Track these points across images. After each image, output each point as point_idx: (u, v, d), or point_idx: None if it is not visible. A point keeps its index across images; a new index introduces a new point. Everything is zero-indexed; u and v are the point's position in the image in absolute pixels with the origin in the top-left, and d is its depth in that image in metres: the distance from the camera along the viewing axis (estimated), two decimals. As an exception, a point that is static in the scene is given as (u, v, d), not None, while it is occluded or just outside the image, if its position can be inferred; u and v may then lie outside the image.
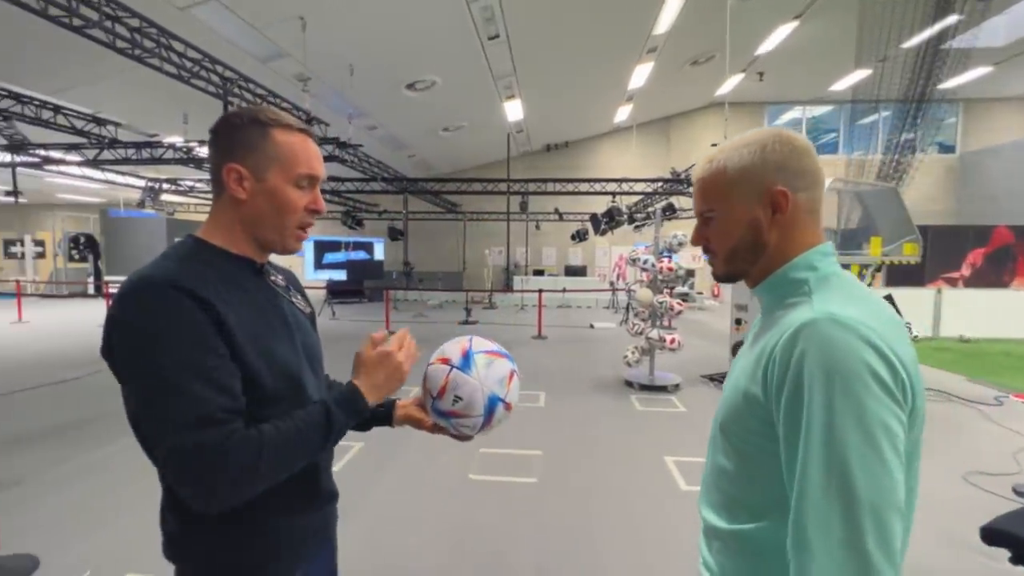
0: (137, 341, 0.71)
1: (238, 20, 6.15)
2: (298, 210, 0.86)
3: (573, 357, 7.27)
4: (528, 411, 4.71)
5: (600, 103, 13.36)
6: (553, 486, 3.18)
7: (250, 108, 0.85)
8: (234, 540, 0.82)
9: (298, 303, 0.98)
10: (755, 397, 0.70)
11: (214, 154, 0.84)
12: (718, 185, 0.78)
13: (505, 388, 0.99)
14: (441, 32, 7.56)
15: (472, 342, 1.02)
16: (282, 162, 0.84)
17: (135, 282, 0.73)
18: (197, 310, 0.73)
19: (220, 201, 0.85)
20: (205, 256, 0.82)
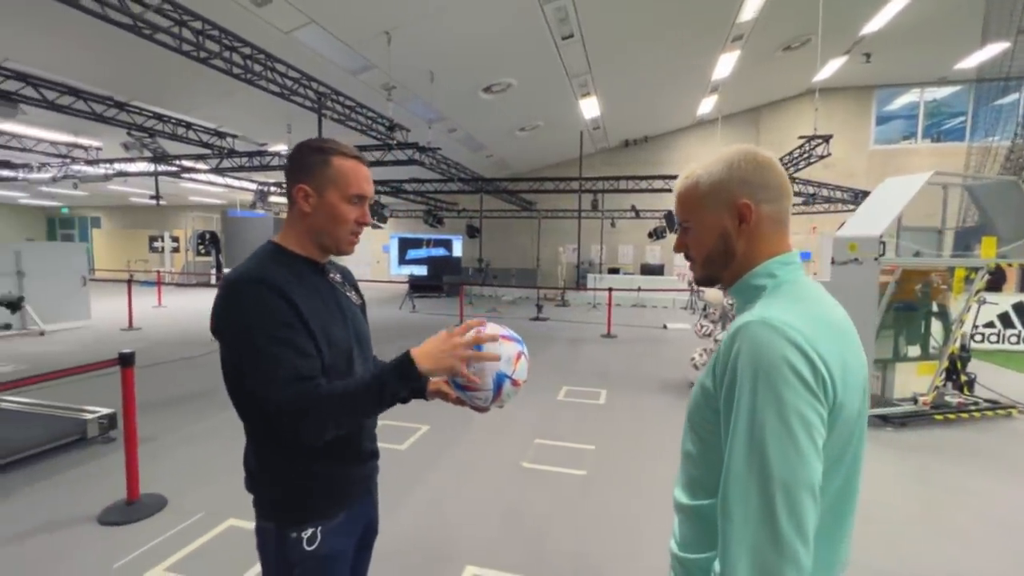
0: (239, 323, 0.97)
1: (332, 39, 6.79)
2: (349, 222, 1.09)
3: (641, 357, 7.19)
4: (586, 407, 4.79)
5: (681, 96, 12.88)
6: (601, 479, 3.27)
7: (317, 139, 1.08)
8: (293, 479, 1.08)
9: (352, 296, 1.22)
10: (708, 390, 0.80)
11: (288, 176, 1.08)
12: (692, 198, 0.88)
13: (512, 366, 1.14)
14: (515, 36, 7.77)
15: (485, 327, 1.18)
16: (338, 183, 1.06)
17: (234, 280, 0.99)
18: (280, 299, 0.98)
19: (292, 214, 1.10)
20: (281, 258, 1.07)
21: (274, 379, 0.94)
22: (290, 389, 0.93)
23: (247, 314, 0.96)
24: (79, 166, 9.20)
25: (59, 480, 3.15)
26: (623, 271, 16.59)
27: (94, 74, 6.39)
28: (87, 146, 8.75)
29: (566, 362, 6.77)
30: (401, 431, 4.01)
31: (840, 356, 0.73)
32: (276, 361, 0.94)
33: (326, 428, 0.96)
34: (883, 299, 4.31)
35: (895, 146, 14.77)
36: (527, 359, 1.20)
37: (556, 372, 6.15)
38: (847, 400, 0.72)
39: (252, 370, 0.97)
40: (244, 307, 0.97)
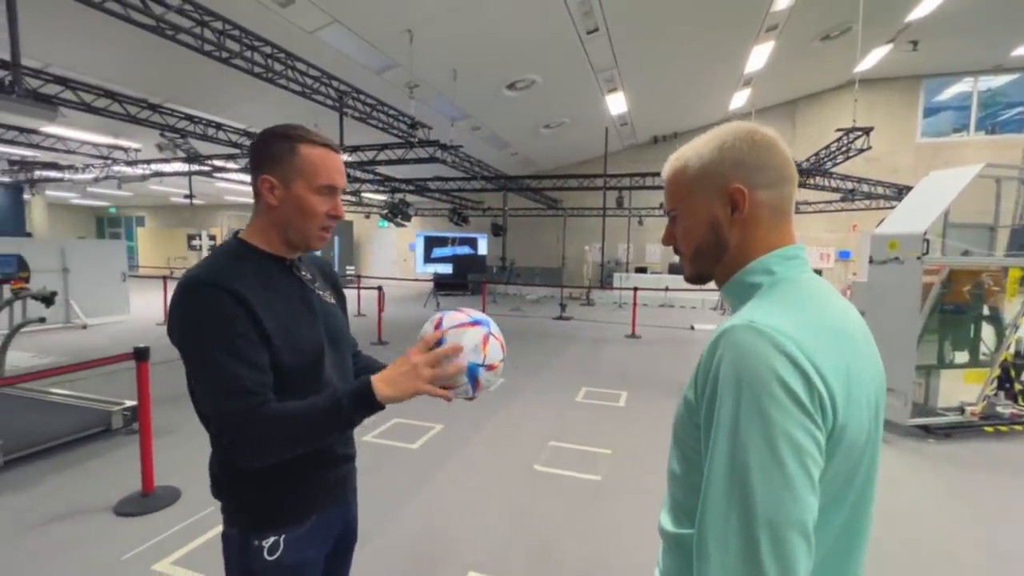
0: (187, 329, 0.91)
1: (356, 38, 6.84)
2: (319, 215, 1.02)
3: (665, 359, 6.98)
4: (605, 410, 4.66)
5: (711, 90, 12.47)
6: (616, 486, 3.14)
7: (283, 126, 1.01)
8: (256, 485, 1.02)
9: (325, 295, 1.15)
10: (691, 403, 0.70)
11: (252, 166, 1.01)
12: (680, 184, 0.77)
13: (481, 353, 1.06)
14: (539, 31, 7.65)
15: (443, 319, 1.11)
16: (306, 174, 0.99)
17: (185, 282, 0.92)
18: (232, 303, 0.91)
19: (257, 206, 1.03)
20: (244, 255, 1.01)
21: (216, 391, 0.88)
22: (232, 404, 0.87)
23: (196, 319, 0.90)
24: (119, 167, 9.61)
25: (82, 470, 3.24)
26: (650, 270, 16.24)
27: (129, 77, 6.62)
28: (127, 147, 9.13)
29: (587, 362, 6.62)
30: (414, 430, 3.98)
31: (844, 369, 0.61)
32: (221, 372, 0.88)
33: (266, 450, 0.89)
34: (927, 301, 4.01)
35: (945, 139, 13.92)
36: (497, 338, 1.12)
37: (576, 372, 6.02)
38: (851, 421, 0.60)
39: (198, 379, 0.92)
40: (194, 312, 0.91)
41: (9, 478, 3.06)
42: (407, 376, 0.94)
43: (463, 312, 1.14)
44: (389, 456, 3.46)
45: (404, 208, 11.96)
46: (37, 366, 5.81)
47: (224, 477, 1.03)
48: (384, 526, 2.62)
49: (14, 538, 2.48)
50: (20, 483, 3.01)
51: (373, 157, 8.05)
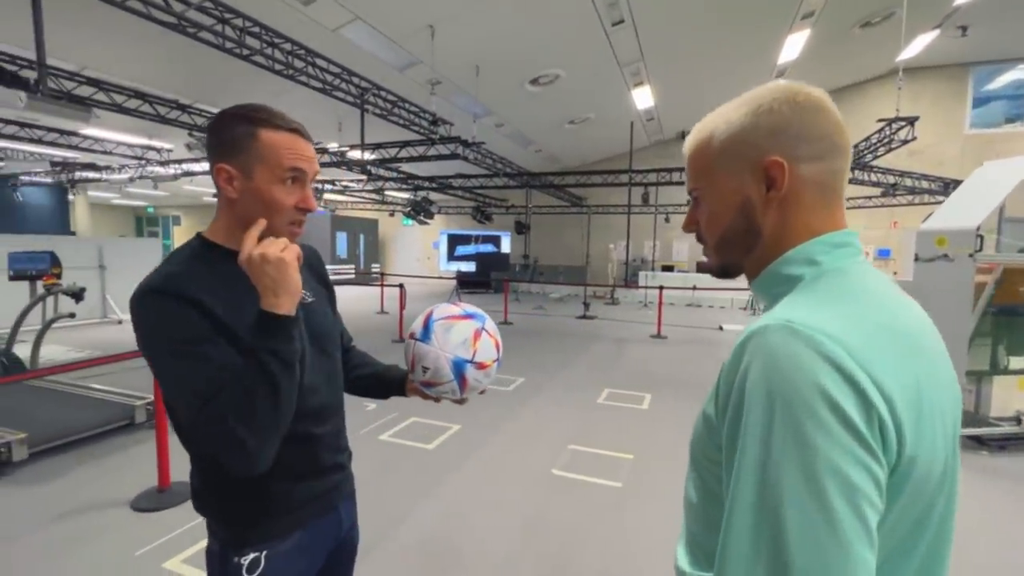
0: (145, 341, 0.84)
1: (377, 34, 6.83)
2: (286, 208, 0.90)
3: (691, 360, 6.75)
4: (628, 412, 4.50)
5: (742, 82, 11.85)
6: (638, 493, 2.99)
7: (241, 106, 0.90)
8: (235, 498, 0.94)
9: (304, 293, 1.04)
10: (711, 419, 0.57)
11: (209, 153, 0.92)
12: (705, 158, 0.65)
13: (470, 348, 0.98)
14: (562, 24, 7.49)
15: (434, 310, 1.03)
16: (268, 161, 0.87)
17: (136, 292, 0.84)
18: (188, 308, 0.82)
19: (221, 201, 0.94)
20: (205, 255, 0.91)
21: (179, 402, 0.81)
22: (197, 412, 0.79)
23: (149, 329, 0.83)
24: (153, 167, 9.90)
25: (104, 463, 3.28)
26: (677, 269, 15.86)
27: (160, 79, 6.78)
28: (159, 148, 9.40)
29: (610, 363, 6.45)
30: (431, 430, 3.91)
31: (912, 383, 0.47)
32: (180, 381, 0.81)
33: (243, 444, 0.79)
34: (979, 301, 3.71)
35: (996, 130, 13.12)
36: (491, 335, 1.03)
37: (598, 373, 5.86)
38: (923, 451, 0.47)
39: (164, 391, 0.84)
40: (146, 322, 0.83)
41: (34, 470, 3.12)
42: (271, 269, 0.82)
43: (458, 305, 1.05)
44: (404, 456, 3.40)
45: (427, 206, 11.97)
46: (72, 359, 6.01)
47: (203, 489, 0.96)
48: (394, 531, 2.55)
49: (34, 530, 2.51)
50: (44, 475, 3.07)
51: (395, 154, 8.04)
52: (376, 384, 1.20)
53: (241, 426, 0.78)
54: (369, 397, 1.22)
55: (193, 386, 0.80)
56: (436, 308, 1.02)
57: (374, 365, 1.25)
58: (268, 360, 0.80)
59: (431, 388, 1.01)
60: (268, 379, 0.80)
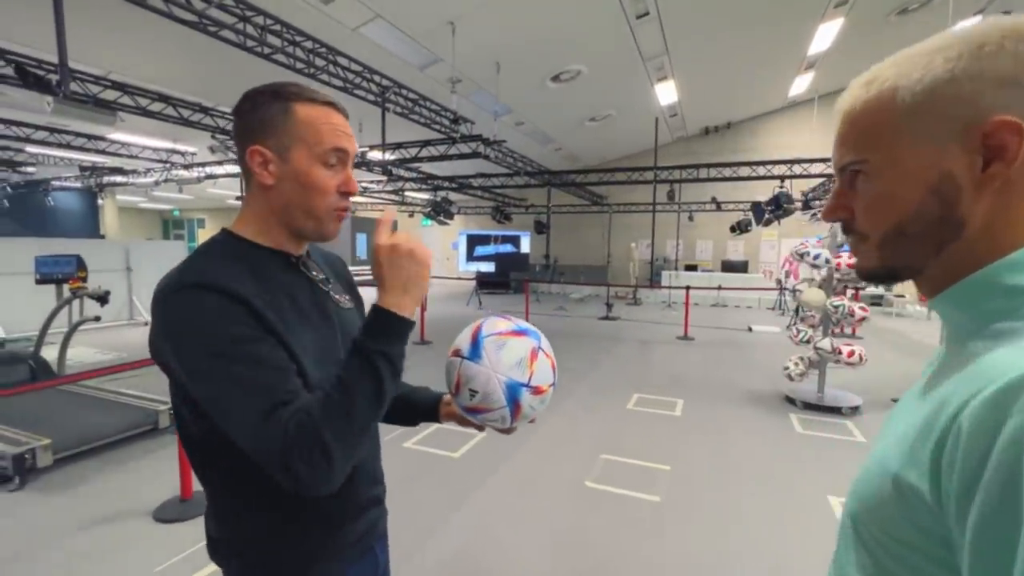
0: (182, 347, 0.69)
1: (398, 32, 6.73)
2: (329, 191, 0.79)
3: (722, 363, 6.49)
4: (660, 419, 4.30)
5: (770, 76, 11.67)
6: (679, 508, 2.81)
7: (271, 83, 0.79)
8: (266, 548, 0.81)
9: (341, 299, 0.91)
10: (914, 489, 0.40)
11: (238, 137, 0.79)
12: (880, 119, 0.47)
13: (526, 370, 0.83)
14: (585, 18, 7.30)
15: (483, 324, 0.87)
16: (307, 139, 0.77)
17: (163, 287, 0.71)
18: (233, 304, 0.69)
19: (249, 189, 0.81)
20: (236, 251, 0.78)
21: (246, 415, 0.66)
22: (269, 427, 0.65)
23: (187, 331, 0.68)
24: (177, 170, 10.02)
25: (127, 470, 3.23)
26: (701, 268, 15.49)
27: (184, 81, 6.81)
28: (183, 151, 9.50)
29: (637, 366, 6.25)
30: (457, 436, 3.77)
31: None
32: (238, 385, 0.66)
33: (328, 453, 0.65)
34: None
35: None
36: (548, 355, 0.87)
37: (626, 377, 5.66)
38: None
39: (213, 407, 0.69)
40: (184, 320, 0.69)
41: (57, 476, 3.08)
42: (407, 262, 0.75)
43: (508, 319, 0.89)
44: (429, 465, 3.27)
45: (447, 206, 11.89)
46: (100, 362, 6.05)
47: (222, 537, 0.82)
48: (421, 548, 2.42)
49: (54, 541, 2.45)
50: (67, 482, 3.02)
51: (416, 154, 7.96)
52: (403, 408, 1.05)
53: (330, 432, 0.66)
54: (393, 424, 1.06)
55: (257, 389, 0.66)
56: (485, 322, 0.87)
57: (402, 386, 1.10)
58: (379, 362, 0.69)
59: (477, 415, 0.85)
60: (375, 382, 0.69)
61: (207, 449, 0.77)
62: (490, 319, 0.88)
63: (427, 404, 1.05)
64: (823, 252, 4.46)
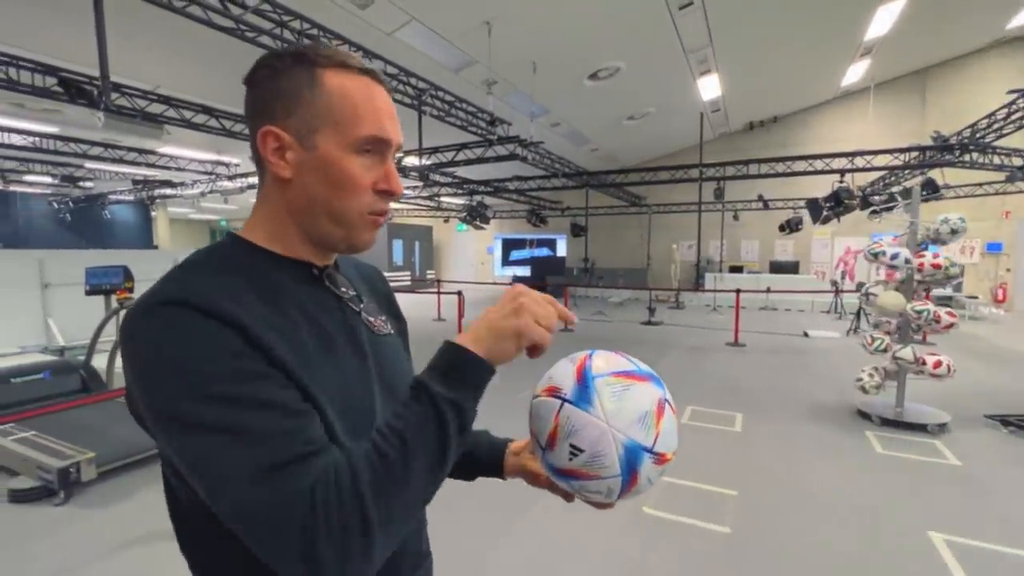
0: (147, 378, 0.49)
1: (433, 35, 6.65)
2: (363, 189, 0.59)
3: (780, 372, 6.04)
4: (719, 435, 3.96)
5: (822, 64, 11.01)
6: (754, 543, 2.49)
7: (294, 45, 0.60)
8: None
9: (377, 320, 0.71)
10: None
11: (249, 115, 0.60)
12: None
13: (652, 430, 0.60)
14: (625, 11, 7.01)
15: (592, 359, 0.64)
16: (337, 119, 0.57)
17: (138, 305, 0.51)
18: (218, 329, 0.50)
19: (264, 184, 0.62)
20: (239, 260, 0.59)
21: (237, 471, 0.46)
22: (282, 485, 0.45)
23: (157, 366, 0.49)
24: (222, 181, 10.31)
25: (168, 484, 3.17)
26: (747, 269, 14.81)
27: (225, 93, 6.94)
28: (227, 162, 9.76)
29: (688, 376, 5.88)
30: (500, 453, 3.56)
31: None
32: (231, 440, 0.46)
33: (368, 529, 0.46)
34: None
35: None
36: (675, 410, 0.64)
37: (677, 388, 5.32)
38: None
39: (193, 472, 0.49)
40: (150, 354, 0.49)
41: (101, 490, 3.04)
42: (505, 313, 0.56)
43: (623, 355, 0.67)
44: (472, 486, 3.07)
45: (483, 211, 11.77)
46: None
47: None
48: (473, 571, 2.21)
49: (99, 558, 2.37)
50: (110, 497, 2.98)
51: (452, 157, 7.85)
52: (463, 459, 0.82)
53: (377, 503, 0.47)
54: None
55: (258, 438, 0.47)
56: (595, 356, 0.65)
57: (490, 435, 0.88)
58: (448, 415, 0.52)
59: (574, 480, 0.62)
60: (441, 440, 0.51)
61: (198, 525, 0.57)
62: (600, 352, 0.66)
63: (490, 456, 0.83)
64: (902, 251, 4.02)
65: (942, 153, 7.25)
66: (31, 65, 4.72)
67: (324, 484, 0.46)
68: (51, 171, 10.13)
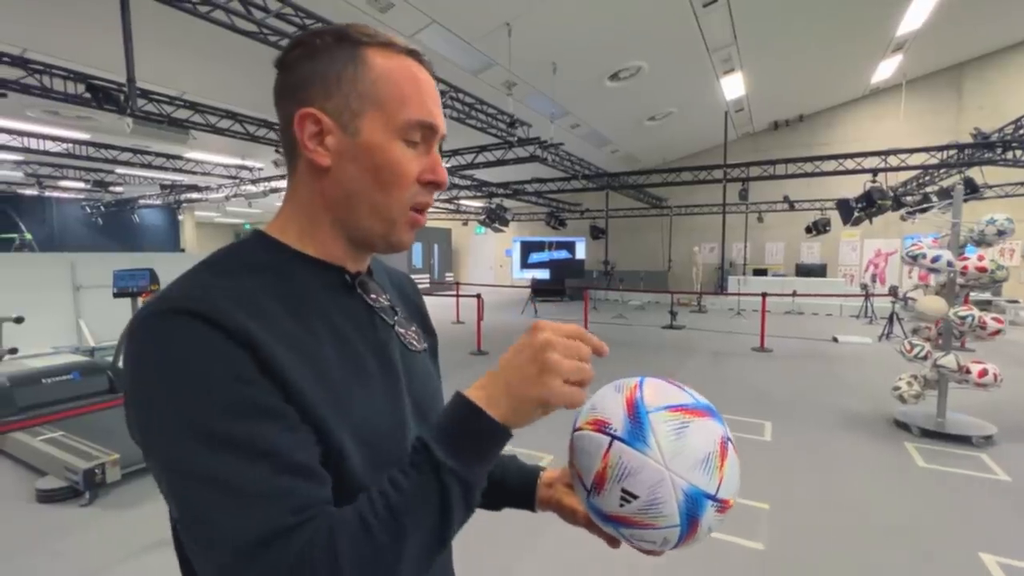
0: (150, 408, 0.44)
1: (453, 37, 6.63)
2: (409, 180, 0.53)
3: (809, 379, 5.83)
4: (748, 445, 3.81)
5: (851, 61, 10.68)
6: (789, 560, 2.37)
7: (333, 24, 0.54)
8: None
9: (408, 332, 0.64)
10: None
11: (280, 96, 0.54)
12: None
13: (715, 474, 0.51)
14: (647, 11, 6.90)
15: (643, 389, 0.55)
16: (383, 101, 0.52)
17: (144, 310, 0.46)
18: (227, 347, 0.44)
19: (295, 175, 0.56)
20: (267, 262, 0.53)
21: (221, 540, 0.40)
22: (265, 563, 0.40)
23: (158, 384, 0.43)
24: (246, 186, 10.50)
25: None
26: (772, 272, 14.45)
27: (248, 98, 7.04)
28: (251, 167, 9.93)
29: (712, 381, 5.72)
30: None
31: None
32: (220, 497, 0.41)
33: None
34: None
35: None
36: (735, 448, 0.55)
37: (702, 394, 5.15)
38: None
39: (178, 515, 0.43)
40: (147, 371, 0.44)
41: (125, 492, 3.06)
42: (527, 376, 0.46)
43: (677, 384, 0.58)
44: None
45: (502, 213, 11.74)
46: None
47: None
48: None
49: (125, 559, 2.37)
50: (134, 498, 2.99)
51: (472, 160, 7.82)
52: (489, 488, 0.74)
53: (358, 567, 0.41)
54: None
55: (250, 500, 0.41)
56: (645, 385, 0.56)
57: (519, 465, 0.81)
58: (452, 487, 0.45)
59: (625, 527, 0.53)
60: (442, 516, 0.45)
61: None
62: (651, 381, 0.57)
63: (521, 486, 0.75)
64: (944, 254, 3.82)
65: (982, 151, 6.93)
66: (63, 73, 4.84)
67: (301, 564, 0.40)
68: (84, 176, 10.45)
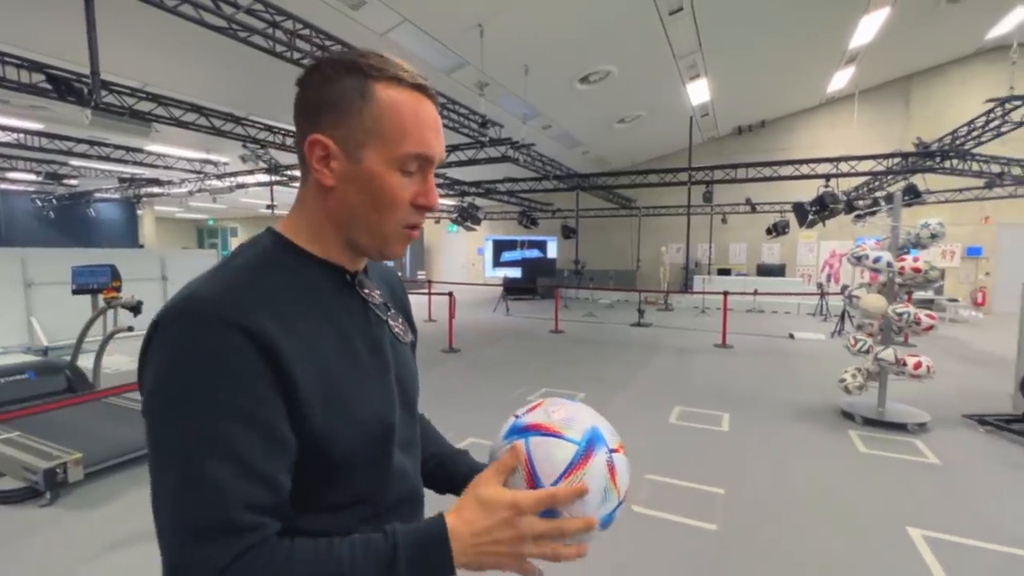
0: (157, 399, 0.51)
1: (425, 36, 6.66)
2: (400, 205, 0.61)
3: (767, 373, 6.14)
4: (706, 435, 4.02)
5: (809, 70, 11.20)
6: (740, 540, 2.55)
7: (350, 52, 0.60)
8: None
9: (396, 324, 0.72)
10: None
11: (297, 116, 0.62)
12: None
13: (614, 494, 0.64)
14: (616, 16, 7.09)
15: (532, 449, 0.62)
16: (384, 134, 0.58)
17: (169, 309, 0.53)
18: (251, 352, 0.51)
19: (306, 186, 0.63)
20: (284, 259, 0.61)
21: (170, 516, 0.48)
22: (190, 549, 0.47)
23: (172, 377, 0.51)
24: (211, 180, 10.22)
25: (157, 485, 3.14)
26: (735, 272, 14.99)
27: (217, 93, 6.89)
28: (216, 161, 9.67)
29: (676, 376, 5.95)
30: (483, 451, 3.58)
31: None
32: (188, 478, 0.48)
33: None
34: None
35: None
36: (618, 448, 0.65)
37: (666, 388, 5.38)
38: None
39: (154, 490, 0.50)
40: (170, 364, 0.51)
41: (88, 492, 3.01)
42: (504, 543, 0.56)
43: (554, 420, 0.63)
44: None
45: (474, 212, 11.79)
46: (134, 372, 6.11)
47: None
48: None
49: (86, 559, 2.35)
50: (97, 498, 2.95)
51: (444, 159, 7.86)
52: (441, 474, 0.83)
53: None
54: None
55: (219, 500, 0.48)
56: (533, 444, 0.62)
57: (440, 443, 0.87)
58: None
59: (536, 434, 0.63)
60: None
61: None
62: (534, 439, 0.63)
63: (460, 473, 0.83)
64: (884, 255, 4.12)
65: (924, 159, 7.42)
66: (17, 61, 4.65)
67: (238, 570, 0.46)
68: (35, 168, 9.97)
